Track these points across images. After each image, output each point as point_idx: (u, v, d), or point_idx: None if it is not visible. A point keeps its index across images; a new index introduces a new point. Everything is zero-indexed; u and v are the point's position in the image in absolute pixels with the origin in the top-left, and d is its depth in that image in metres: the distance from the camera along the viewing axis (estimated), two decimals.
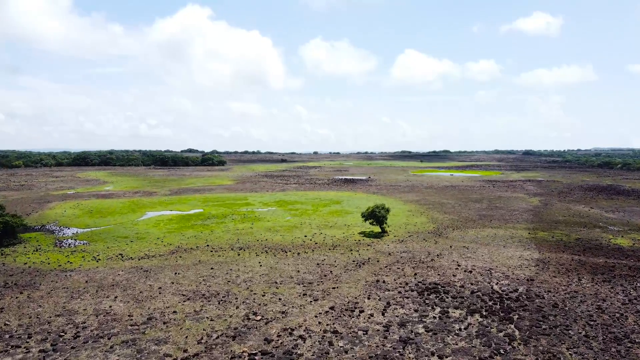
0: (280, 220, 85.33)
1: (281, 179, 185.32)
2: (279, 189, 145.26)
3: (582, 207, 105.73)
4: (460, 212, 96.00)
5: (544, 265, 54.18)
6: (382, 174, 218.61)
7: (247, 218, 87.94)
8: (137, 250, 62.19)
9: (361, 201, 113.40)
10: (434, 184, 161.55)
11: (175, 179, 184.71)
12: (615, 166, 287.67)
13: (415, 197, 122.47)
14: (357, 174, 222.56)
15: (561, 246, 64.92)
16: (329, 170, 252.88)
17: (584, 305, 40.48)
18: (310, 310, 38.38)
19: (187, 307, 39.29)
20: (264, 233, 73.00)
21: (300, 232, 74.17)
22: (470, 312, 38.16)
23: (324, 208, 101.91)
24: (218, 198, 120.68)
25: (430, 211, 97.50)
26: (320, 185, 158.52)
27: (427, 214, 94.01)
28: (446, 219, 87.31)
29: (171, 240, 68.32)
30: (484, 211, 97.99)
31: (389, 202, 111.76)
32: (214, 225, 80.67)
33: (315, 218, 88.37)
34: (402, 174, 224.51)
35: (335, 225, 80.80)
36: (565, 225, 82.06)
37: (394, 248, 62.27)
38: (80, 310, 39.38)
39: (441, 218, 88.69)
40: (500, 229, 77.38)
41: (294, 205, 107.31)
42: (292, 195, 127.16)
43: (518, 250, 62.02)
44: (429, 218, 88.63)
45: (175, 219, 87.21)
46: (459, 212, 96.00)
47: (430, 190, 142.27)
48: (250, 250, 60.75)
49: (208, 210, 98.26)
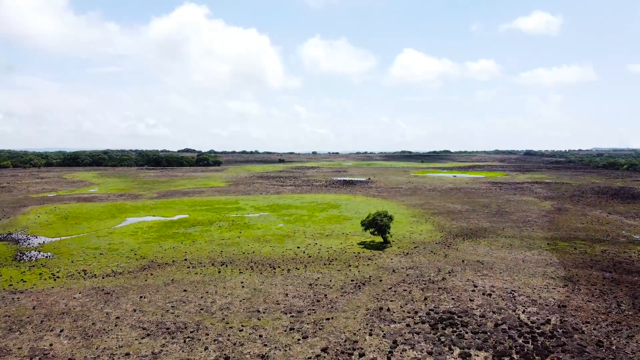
0: (271, 228, 77.72)
1: (277, 181, 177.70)
2: (274, 192, 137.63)
3: (598, 212, 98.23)
4: (468, 219, 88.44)
5: (573, 285, 46.65)
6: (382, 175, 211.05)
7: (235, 225, 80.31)
8: (105, 265, 54.52)
9: (361, 205, 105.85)
10: (438, 186, 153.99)
11: (165, 181, 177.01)
12: (620, 167, 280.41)
13: (419, 201, 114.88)
14: (357, 175, 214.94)
15: (587, 260, 57.39)
16: (328, 171, 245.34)
17: (633, 342, 32.99)
18: (298, 352, 30.77)
19: (144, 347, 31.68)
20: (251, 244, 65.36)
21: (293, 242, 66.57)
22: (498, 355, 30.60)
23: (320, 213, 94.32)
24: (207, 202, 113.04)
25: (436, 217, 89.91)
26: (317, 188, 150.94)
27: (433, 220, 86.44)
28: (454, 227, 79.76)
29: (146, 252, 60.65)
30: (495, 217, 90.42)
31: (390, 206, 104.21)
32: (198, 234, 73.03)
33: (311, 225, 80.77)
34: (403, 175, 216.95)
35: (332, 233, 73.20)
36: (586, 234, 74.53)
37: (398, 263, 54.67)
38: (14, 350, 31.86)
39: (448, 225, 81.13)
40: (516, 239, 69.82)
41: (288, 210, 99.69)
42: (287, 199, 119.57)
43: (540, 265, 54.46)
44: (435, 225, 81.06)
45: (156, 227, 79.56)
46: (468, 219, 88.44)
47: (433, 193, 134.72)
48: (233, 266, 53.10)
49: (194, 216, 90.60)
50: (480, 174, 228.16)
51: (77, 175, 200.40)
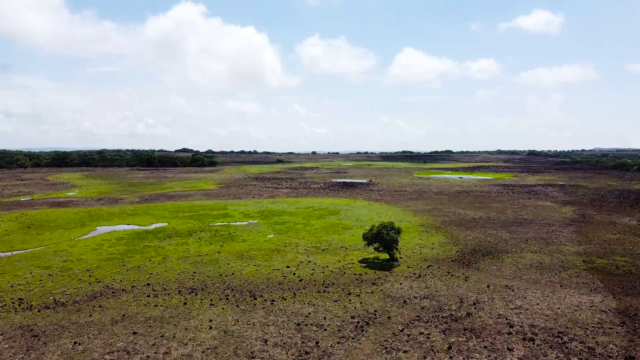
0: (259, 240, 67.75)
1: (272, 183, 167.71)
2: (267, 195, 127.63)
3: (627, 220, 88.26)
4: (484, 228, 78.49)
5: (632, 323, 36.70)
6: (384, 177, 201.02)
7: (217, 237, 70.33)
8: (49, 291, 44.56)
9: (362, 211, 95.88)
10: (444, 189, 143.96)
11: (153, 182, 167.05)
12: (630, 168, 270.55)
13: (426, 206, 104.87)
14: (357, 177, 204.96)
15: (637, 283, 47.43)
16: (327, 172, 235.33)
17: None
18: None
19: None
20: (232, 261, 55.38)
21: (282, 259, 56.59)
22: None
23: (317, 221, 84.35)
24: (192, 207, 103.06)
25: (447, 226, 79.95)
26: (315, 191, 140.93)
27: (445, 230, 76.48)
28: (470, 239, 69.80)
29: (103, 274, 50.66)
30: (513, 226, 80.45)
31: (394, 212, 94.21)
32: (172, 248, 63.05)
33: (305, 236, 70.82)
34: (406, 176, 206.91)
35: (329, 247, 63.22)
36: (623, 247, 64.57)
37: (409, 289, 44.69)
38: None
39: (463, 237, 71.16)
40: (544, 255, 59.84)
41: (281, 217, 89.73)
42: (281, 204, 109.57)
43: (582, 292, 44.49)
44: (447, 237, 71.09)
45: (127, 238, 69.59)
46: (483, 228, 78.48)
47: (441, 197, 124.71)
48: (204, 294, 43.10)
49: (173, 225, 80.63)
50: (487, 175, 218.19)
51: (61, 177, 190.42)
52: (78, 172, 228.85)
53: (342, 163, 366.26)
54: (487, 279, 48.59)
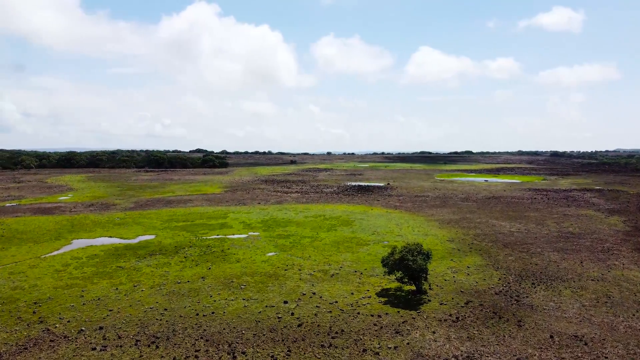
0: (256, 260, 56.84)
1: (282, 186, 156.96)
2: (275, 201, 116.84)
3: None
4: (526, 244, 66.37)
5: None
6: (402, 180, 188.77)
7: (207, 254, 59.64)
8: None
9: (379, 221, 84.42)
10: (471, 194, 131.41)
11: (156, 185, 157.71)
12: None
13: (453, 215, 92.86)
14: (374, 179, 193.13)
15: None
16: (341, 174, 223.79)
17: None
18: None
19: None
20: (217, 292, 44.51)
21: (280, 289, 45.56)
22: None
23: (327, 234, 73.22)
24: (189, 215, 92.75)
25: (481, 242, 68.06)
26: (327, 195, 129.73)
27: (479, 247, 64.62)
28: (511, 259, 57.89)
29: (52, 309, 40.24)
30: (561, 243, 68.18)
31: (417, 223, 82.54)
32: (149, 270, 52.48)
33: (312, 254, 59.74)
34: (426, 179, 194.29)
35: (340, 271, 52.01)
36: None
37: (446, 343, 33.22)
38: None
39: (503, 257, 59.26)
40: (609, 284, 47.73)
41: (287, 227, 78.79)
42: (288, 211, 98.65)
43: None
44: (484, 256, 59.27)
45: (101, 256, 59.32)
46: (525, 244, 66.37)
47: (469, 203, 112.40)
48: (168, 348, 32.25)
49: (160, 238, 70.25)
50: (514, 178, 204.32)
51: (61, 179, 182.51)
52: (82, 173, 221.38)
53: (357, 164, 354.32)
54: (547, 324, 36.85)
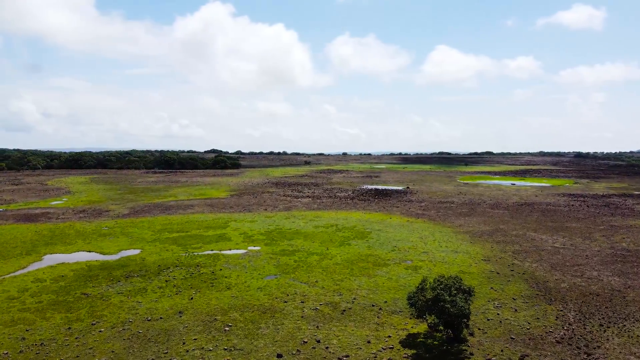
0: (251, 286, 47.06)
1: (293, 189, 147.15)
2: (283, 207, 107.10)
3: None
4: (578, 265, 55.35)
5: None
6: (423, 182, 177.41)
7: (194, 277, 50.04)
8: None
9: (400, 233, 74.02)
10: (500, 200, 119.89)
11: (159, 188, 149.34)
12: None
13: (484, 226, 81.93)
14: (391, 182, 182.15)
15: None
16: (357, 176, 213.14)
17: None
18: None
19: None
20: (192, 338, 34.76)
21: (275, 332, 35.65)
22: None
23: (339, 250, 63.15)
24: (186, 223, 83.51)
25: (523, 261, 57.21)
26: (341, 201, 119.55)
27: (523, 269, 53.84)
28: (565, 287, 47.10)
29: None
30: (618, 263, 56.98)
31: (444, 236, 71.91)
32: (118, 299, 43.04)
33: (319, 278, 49.76)
34: (448, 182, 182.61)
35: (352, 304, 41.90)
36: None
37: None
38: None
39: (554, 283, 48.48)
40: None
41: (293, 241, 68.92)
42: (297, 219, 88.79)
43: None
44: (531, 283, 48.56)
45: (70, 277, 50.18)
46: (577, 265, 55.34)
47: (499, 211, 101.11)
48: None
49: (145, 254, 60.92)
50: (542, 182, 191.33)
51: (63, 181, 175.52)
52: (88, 174, 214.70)
53: (374, 165, 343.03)
54: None
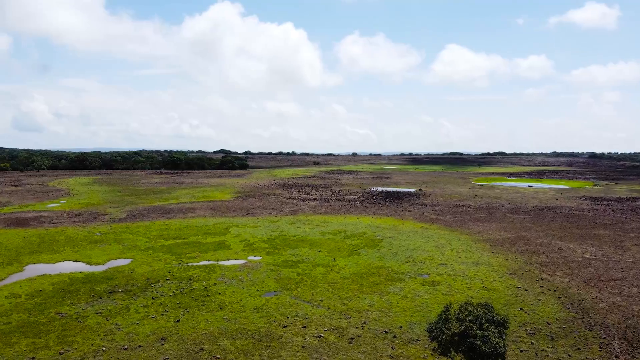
0: (247, 305, 41.86)
1: (300, 192, 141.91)
2: (289, 210, 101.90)
3: None
4: (615, 280, 49.41)
5: None
6: (436, 184, 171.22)
7: (184, 294, 44.97)
8: None
9: (414, 240, 68.44)
10: (519, 204, 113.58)
11: (162, 190, 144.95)
12: None
13: (505, 233, 76.02)
14: (403, 183, 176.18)
15: None
16: (367, 177, 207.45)
17: None
18: None
19: None
20: None
21: None
22: None
23: (347, 260, 57.79)
24: (184, 229, 78.63)
25: (554, 276, 51.38)
26: (350, 204, 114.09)
27: (554, 285, 48.05)
28: (604, 307, 41.31)
29: None
30: None
31: (462, 245, 66.16)
32: (94, 322, 38.07)
33: (324, 296, 44.46)
34: (462, 184, 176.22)
35: (362, 332, 36.52)
36: None
37: None
38: None
39: (590, 303, 42.68)
40: None
41: (297, 249, 63.68)
42: (302, 224, 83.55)
43: None
44: (566, 304, 42.80)
45: (47, 293, 45.37)
46: (614, 281, 49.41)
47: (520, 216, 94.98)
48: None
49: (135, 265, 56.00)
50: (560, 183, 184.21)
51: (64, 182, 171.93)
52: (92, 175, 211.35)
53: (384, 166, 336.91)
54: None
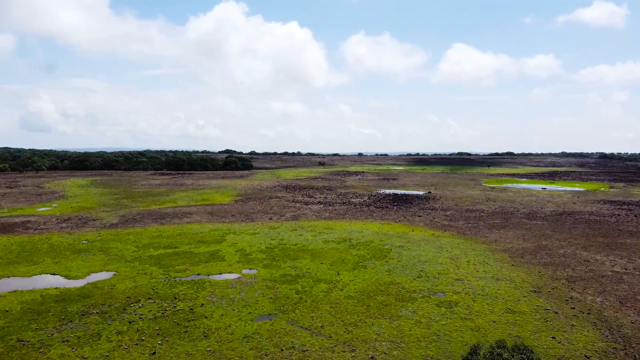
0: (236, 334, 36.62)
1: (303, 194, 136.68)
2: (291, 215, 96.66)
3: None
4: None
5: None
6: (446, 186, 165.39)
7: (167, 316, 39.75)
8: None
9: (425, 251, 62.96)
10: (535, 208, 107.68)
11: (160, 192, 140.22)
12: None
13: (524, 242, 70.35)
14: (411, 185, 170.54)
15: None
16: (373, 179, 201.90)
17: None
18: None
19: None
20: None
21: None
22: None
23: (352, 275, 52.42)
24: (177, 236, 73.59)
25: (584, 295, 45.73)
26: (356, 208, 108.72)
27: (586, 306, 42.42)
28: None
29: None
30: None
31: (479, 256, 60.53)
32: (59, 352, 32.95)
33: (326, 321, 39.12)
34: (473, 186, 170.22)
35: None
36: None
37: None
38: None
39: (630, 329, 37.08)
40: None
41: (297, 261, 58.38)
42: (305, 231, 78.30)
43: None
44: (602, 330, 37.21)
45: (12, 315, 40.34)
46: None
47: (537, 222, 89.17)
48: None
49: (117, 279, 50.90)
50: (575, 185, 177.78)
51: (61, 183, 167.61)
52: (91, 176, 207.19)
53: (391, 167, 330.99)
54: None
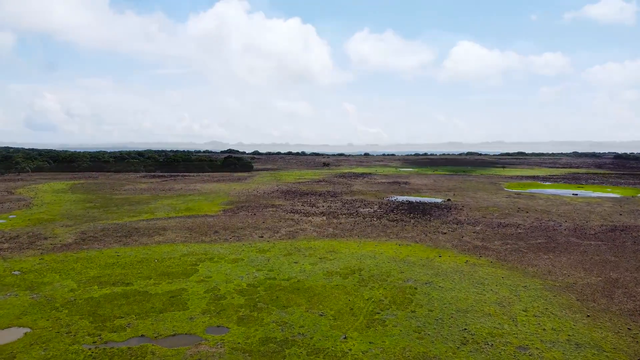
0: None
1: (304, 202, 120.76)
2: (286, 231, 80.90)
3: None
4: None
5: None
6: (464, 191, 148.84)
7: None
8: None
9: (463, 291, 47.07)
10: (578, 221, 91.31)
11: (142, 199, 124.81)
12: None
13: (587, 275, 54.23)
14: (425, 190, 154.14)
15: None
16: (382, 182, 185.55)
17: None
18: None
19: None
20: None
21: None
22: None
23: (364, 340, 36.65)
24: (137, 263, 57.96)
25: None
26: (365, 220, 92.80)
27: None
28: None
29: None
30: None
31: (537, 300, 44.41)
32: None
33: None
34: (495, 191, 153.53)
35: None
36: None
37: None
38: None
39: None
40: None
41: (288, 310, 42.61)
42: (301, 257, 62.49)
43: None
44: None
45: None
46: None
47: (590, 243, 72.92)
48: None
49: (25, 343, 35.33)
50: (606, 190, 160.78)
51: (36, 188, 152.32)
52: (74, 179, 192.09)
53: (399, 169, 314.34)
54: None
